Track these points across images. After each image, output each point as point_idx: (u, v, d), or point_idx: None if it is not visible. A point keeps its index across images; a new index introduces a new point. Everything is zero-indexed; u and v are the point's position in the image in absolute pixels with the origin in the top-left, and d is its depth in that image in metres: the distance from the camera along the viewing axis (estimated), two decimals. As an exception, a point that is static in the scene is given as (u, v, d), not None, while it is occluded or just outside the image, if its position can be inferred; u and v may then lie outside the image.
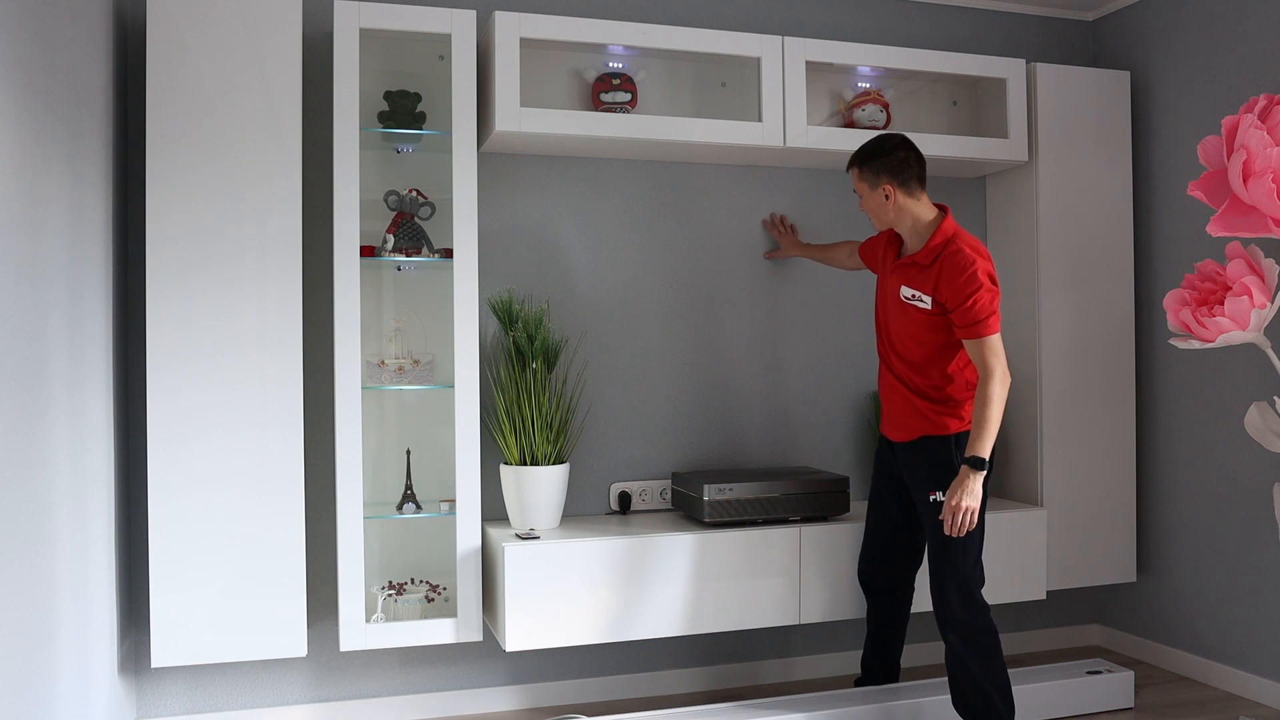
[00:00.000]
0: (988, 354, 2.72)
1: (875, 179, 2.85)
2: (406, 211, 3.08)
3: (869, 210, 2.92)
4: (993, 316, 2.73)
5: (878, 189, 2.85)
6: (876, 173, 2.84)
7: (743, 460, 3.61)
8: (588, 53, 3.36)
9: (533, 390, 3.08)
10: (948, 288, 2.75)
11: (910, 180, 2.83)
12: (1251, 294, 2.82)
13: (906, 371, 2.92)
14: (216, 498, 2.80)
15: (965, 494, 2.69)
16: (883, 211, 2.87)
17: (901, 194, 2.83)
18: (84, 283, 2.52)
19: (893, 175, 2.82)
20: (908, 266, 2.88)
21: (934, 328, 2.83)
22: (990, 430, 2.70)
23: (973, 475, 2.70)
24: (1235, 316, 2.84)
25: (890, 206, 2.85)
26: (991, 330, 2.73)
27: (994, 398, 2.69)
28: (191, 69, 2.80)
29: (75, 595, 2.40)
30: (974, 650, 2.80)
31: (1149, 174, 3.78)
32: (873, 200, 2.88)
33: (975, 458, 2.70)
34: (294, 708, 3.18)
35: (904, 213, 2.85)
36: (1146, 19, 3.80)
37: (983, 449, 2.70)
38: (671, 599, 3.05)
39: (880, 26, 3.79)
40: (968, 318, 2.73)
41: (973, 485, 2.69)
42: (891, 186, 2.83)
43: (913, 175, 2.83)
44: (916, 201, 2.85)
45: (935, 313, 2.81)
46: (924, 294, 2.82)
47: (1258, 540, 3.39)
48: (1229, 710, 3.30)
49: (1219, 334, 2.86)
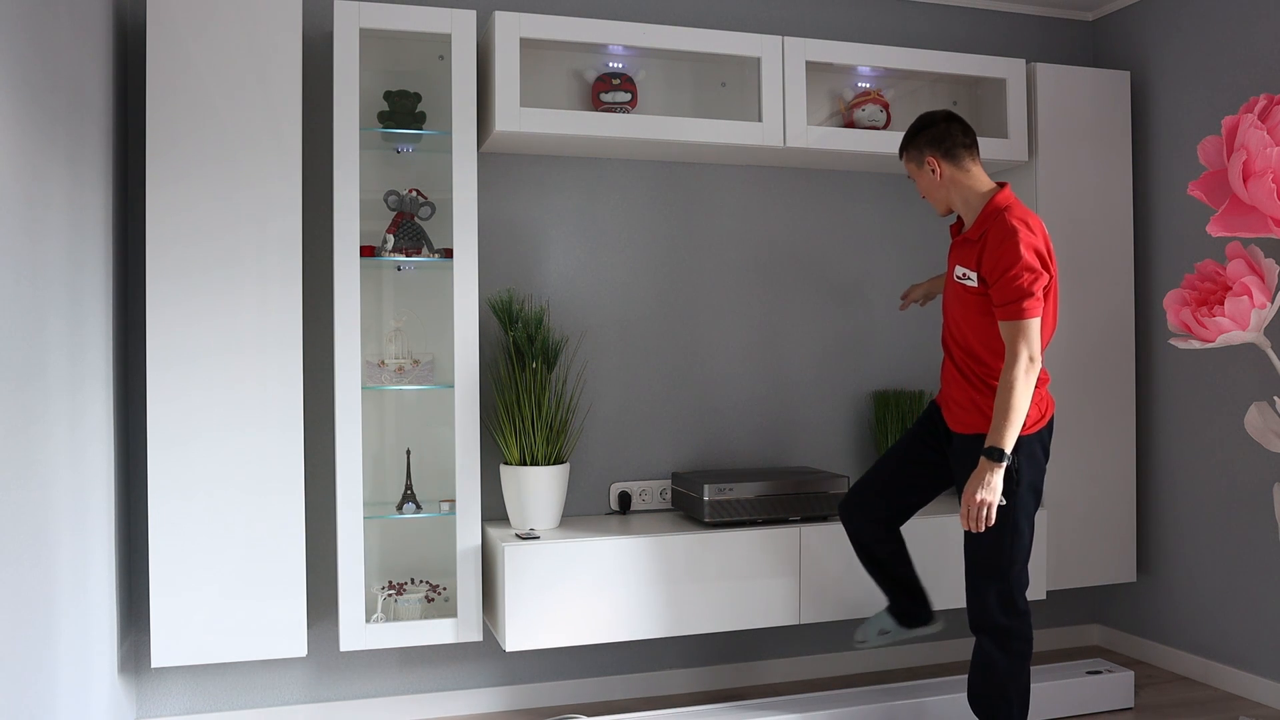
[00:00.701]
0: (1017, 336, 2.53)
1: (920, 155, 2.75)
2: (406, 211, 3.08)
3: (925, 193, 2.79)
4: (1030, 299, 2.52)
5: (924, 166, 2.74)
6: (920, 149, 2.74)
7: (743, 460, 3.61)
8: (588, 53, 3.36)
9: (533, 390, 3.08)
10: (988, 259, 2.58)
11: (955, 150, 2.70)
12: (1251, 294, 2.82)
13: (964, 360, 2.74)
14: (217, 497, 2.80)
15: (982, 487, 2.52)
16: (934, 189, 2.75)
17: (948, 165, 2.71)
18: (84, 283, 2.52)
19: (935, 147, 2.71)
20: (961, 245, 2.73)
21: (984, 309, 2.65)
22: (1013, 420, 2.51)
23: (992, 469, 2.52)
24: (1235, 316, 2.84)
25: (939, 182, 2.73)
26: (1028, 314, 2.52)
27: (1016, 385, 2.50)
28: (191, 69, 2.80)
29: (75, 595, 2.40)
30: (1006, 655, 2.68)
31: (1149, 174, 3.78)
32: (923, 180, 2.77)
33: (994, 449, 2.51)
34: (294, 708, 3.18)
35: (955, 186, 2.72)
36: (1146, 19, 3.80)
37: (1003, 440, 2.51)
38: (672, 599, 3.05)
39: (880, 26, 3.79)
40: (1004, 295, 2.55)
41: (991, 479, 2.51)
42: (935, 159, 2.71)
43: (958, 144, 2.70)
44: (966, 174, 2.71)
45: (981, 291, 2.64)
46: (971, 271, 2.66)
47: (1258, 540, 3.39)
48: (1229, 710, 3.30)
49: (1219, 334, 2.86)
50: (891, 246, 3.78)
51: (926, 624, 3.02)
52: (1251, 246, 2.92)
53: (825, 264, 3.70)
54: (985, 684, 2.72)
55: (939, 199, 2.77)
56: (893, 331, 3.78)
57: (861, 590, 3.23)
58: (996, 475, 2.53)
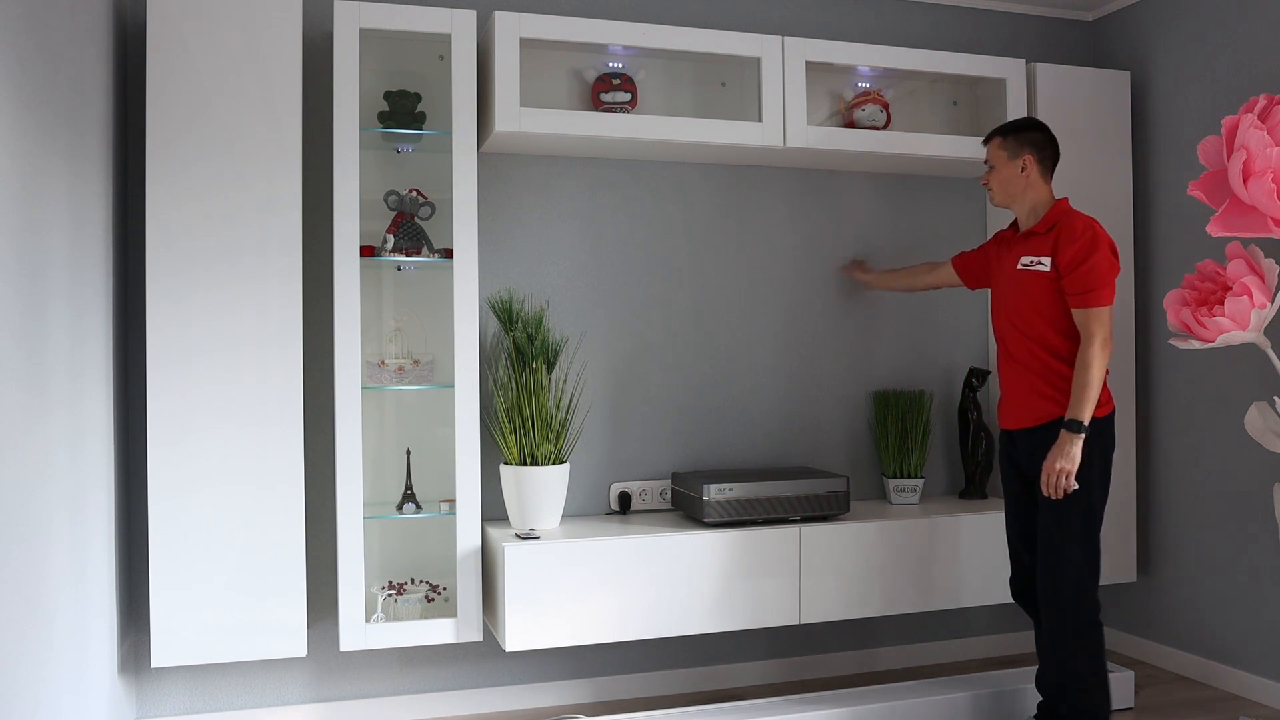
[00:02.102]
0: (1092, 321, 2.72)
1: (1018, 149, 2.90)
2: (406, 211, 3.08)
3: (997, 182, 2.94)
4: (1106, 287, 2.73)
5: (1017, 159, 2.90)
6: (1021, 144, 2.90)
7: (743, 460, 3.61)
8: (588, 53, 3.36)
9: (533, 390, 3.08)
10: (1066, 249, 2.77)
11: (1046, 160, 2.91)
12: (1251, 294, 2.82)
13: (1026, 347, 2.86)
14: (216, 497, 2.80)
15: (1061, 456, 2.70)
16: (1013, 184, 2.91)
17: (1037, 170, 2.90)
18: (84, 281, 2.52)
19: (1037, 150, 2.90)
20: (1027, 237, 2.91)
21: (1052, 295, 2.82)
22: (1090, 395, 2.69)
23: (1071, 439, 2.69)
24: (1235, 316, 2.84)
25: (1023, 180, 2.90)
26: (1103, 301, 2.72)
27: (1094, 362, 2.69)
28: (191, 68, 2.80)
29: (75, 595, 2.40)
30: (1082, 642, 2.75)
31: (1149, 174, 3.78)
32: (1007, 170, 2.92)
33: (1073, 421, 2.70)
34: (294, 708, 3.18)
35: (1032, 189, 2.90)
36: (1146, 19, 3.80)
37: (1081, 413, 2.70)
38: (671, 599, 3.05)
39: (880, 26, 3.79)
40: (1082, 283, 2.73)
41: (1070, 449, 2.69)
42: (1031, 159, 2.89)
43: (1049, 157, 2.92)
44: (1045, 184, 2.92)
45: (1053, 276, 2.81)
46: (1043, 257, 2.83)
47: (1258, 540, 3.39)
48: (1229, 710, 3.30)
49: (1219, 334, 2.86)
50: (891, 246, 3.78)
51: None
52: (1251, 246, 2.92)
53: (825, 264, 3.70)
54: (1066, 677, 2.76)
55: (1010, 193, 2.93)
56: (893, 331, 3.78)
57: (861, 590, 3.23)
58: (1076, 445, 2.70)
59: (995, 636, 3.89)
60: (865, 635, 3.75)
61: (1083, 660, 2.75)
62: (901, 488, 3.57)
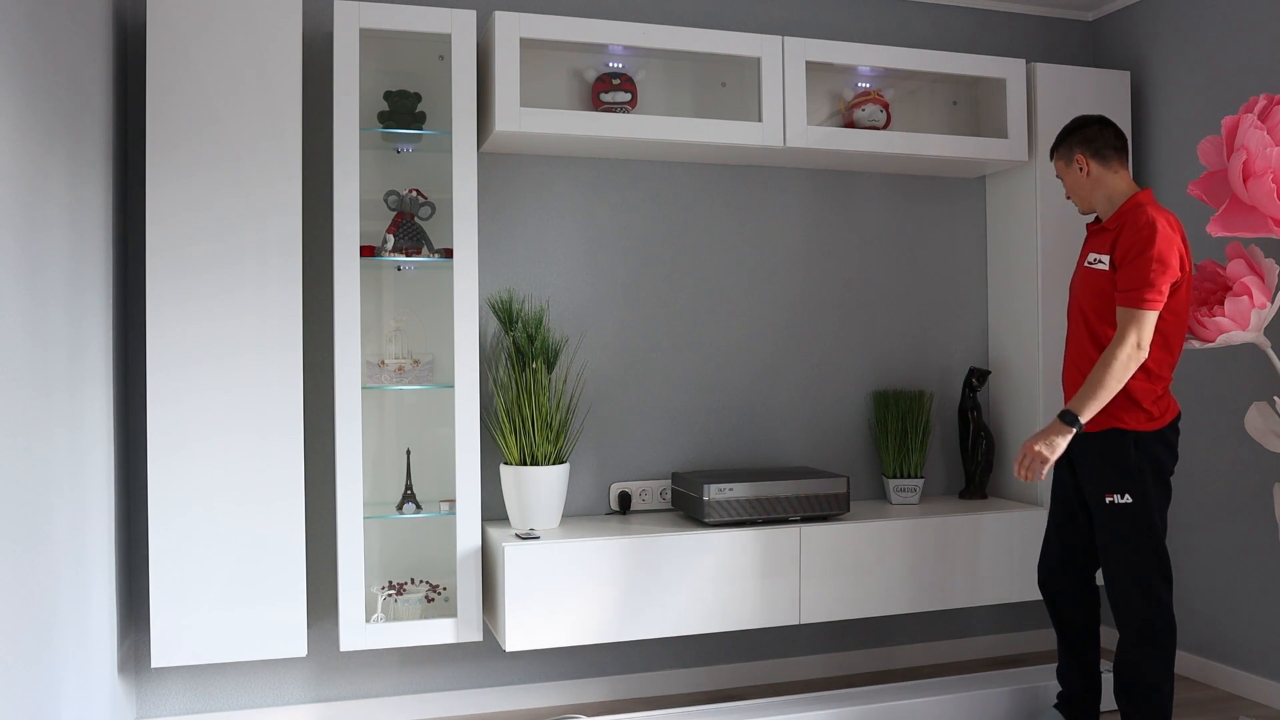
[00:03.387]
0: (1130, 323, 2.61)
1: (1070, 154, 2.86)
2: (406, 211, 3.08)
3: (1072, 192, 2.88)
4: (1153, 291, 2.60)
5: (1073, 163, 2.85)
6: (1071, 147, 2.85)
7: (743, 460, 3.61)
8: (588, 53, 3.36)
9: (533, 390, 3.08)
10: (1123, 245, 2.68)
11: (1105, 150, 2.81)
12: (1251, 294, 2.82)
13: (1088, 353, 2.79)
14: (216, 498, 2.80)
15: (1043, 441, 2.62)
16: (1080, 186, 2.85)
17: (1096, 164, 2.82)
18: (84, 283, 2.52)
19: (1085, 145, 2.83)
20: (1097, 233, 2.84)
21: (1111, 295, 2.74)
22: (1099, 395, 2.60)
23: (1059, 429, 2.62)
24: (1235, 316, 2.84)
25: (1086, 179, 2.83)
26: (1148, 305, 2.60)
27: (1115, 363, 2.59)
28: (191, 69, 2.80)
29: (75, 595, 2.40)
30: (1153, 649, 2.70)
31: (1149, 174, 3.78)
32: (1070, 177, 2.87)
33: (1067, 412, 2.62)
34: (294, 708, 3.18)
35: (1100, 184, 2.82)
36: (1146, 19, 3.80)
37: (1081, 408, 2.61)
38: (671, 599, 3.05)
39: (880, 26, 3.79)
40: (1129, 281, 2.63)
41: (1054, 439, 2.62)
42: (1084, 156, 2.82)
43: (1108, 146, 2.81)
44: (1114, 174, 2.82)
45: (1111, 275, 2.73)
46: (1104, 254, 2.76)
47: (1258, 540, 3.39)
48: (1229, 710, 3.30)
49: (1219, 334, 2.86)
50: (891, 246, 3.78)
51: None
52: (1251, 246, 2.92)
53: (825, 264, 3.70)
54: (1133, 679, 2.74)
55: (1083, 197, 2.86)
56: (892, 331, 3.78)
57: (862, 590, 3.23)
58: (1064, 438, 2.62)
59: (996, 636, 3.89)
60: (865, 635, 3.75)
61: (1152, 662, 2.71)
62: (902, 488, 3.57)
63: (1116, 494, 2.72)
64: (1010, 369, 3.77)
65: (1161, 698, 2.72)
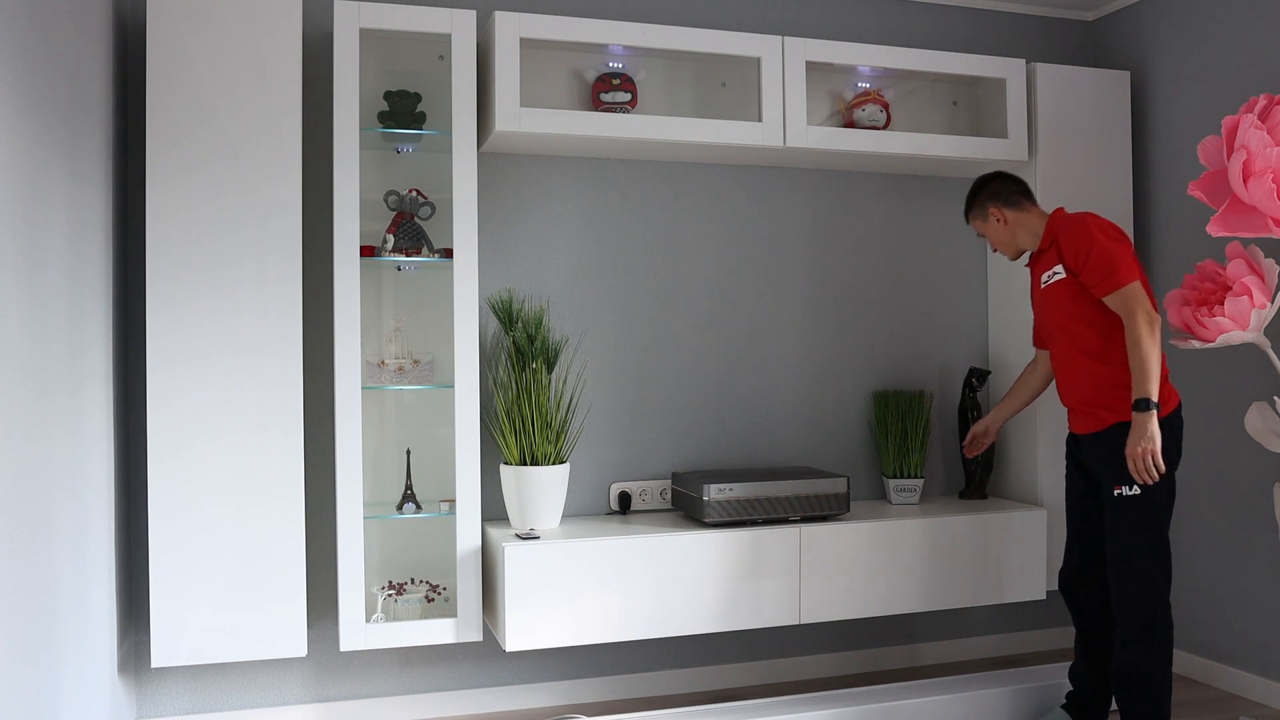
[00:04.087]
0: (1127, 300, 2.69)
1: (984, 211, 3.02)
2: (406, 211, 3.08)
3: (997, 245, 3.04)
4: (1121, 265, 2.70)
5: (989, 219, 3.02)
6: (982, 205, 3.02)
7: (743, 460, 3.61)
8: (588, 53, 3.36)
9: (533, 390, 3.08)
10: (1068, 249, 2.80)
11: (1013, 197, 2.99)
12: (1251, 294, 2.83)
13: (1077, 361, 2.86)
14: (217, 497, 2.80)
15: (1141, 438, 2.64)
16: (1004, 235, 3.01)
17: (1009, 210, 2.98)
18: (84, 283, 2.52)
19: (994, 198, 3.00)
20: (1037, 258, 2.98)
21: (1078, 294, 2.83)
22: (1150, 370, 2.64)
23: (1143, 419, 2.65)
24: (1235, 316, 2.84)
25: (1006, 227, 3.00)
26: (1127, 279, 2.69)
27: (1142, 337, 2.65)
28: (191, 69, 2.80)
29: (75, 595, 2.40)
30: (1149, 643, 2.74)
31: (1149, 174, 3.78)
32: (991, 231, 3.03)
33: (1140, 399, 2.65)
34: (294, 708, 3.18)
35: (1019, 225, 2.99)
36: (1146, 19, 3.80)
37: (1148, 389, 2.64)
38: (671, 599, 3.05)
39: (880, 26, 3.79)
40: (1095, 274, 2.73)
41: (1147, 428, 2.63)
42: (996, 208, 2.99)
43: (1014, 193, 2.99)
44: (1028, 214, 2.98)
45: (1072, 280, 2.83)
46: (1055, 266, 2.87)
47: (1258, 540, 3.39)
48: (1229, 710, 3.30)
49: (1219, 334, 2.86)
50: (891, 246, 3.78)
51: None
52: (1251, 246, 2.92)
53: (825, 264, 3.70)
54: (1132, 677, 2.76)
55: (1008, 244, 3.02)
56: (892, 331, 3.78)
57: (861, 590, 3.23)
58: (1151, 422, 2.65)
59: (996, 636, 3.89)
60: (865, 635, 3.75)
61: (1149, 661, 2.74)
62: (902, 488, 3.57)
63: (1125, 485, 2.76)
64: (1010, 369, 3.77)
65: (1160, 696, 2.74)
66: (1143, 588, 2.74)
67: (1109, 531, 2.81)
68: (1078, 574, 3.00)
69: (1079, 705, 3.04)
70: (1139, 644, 2.74)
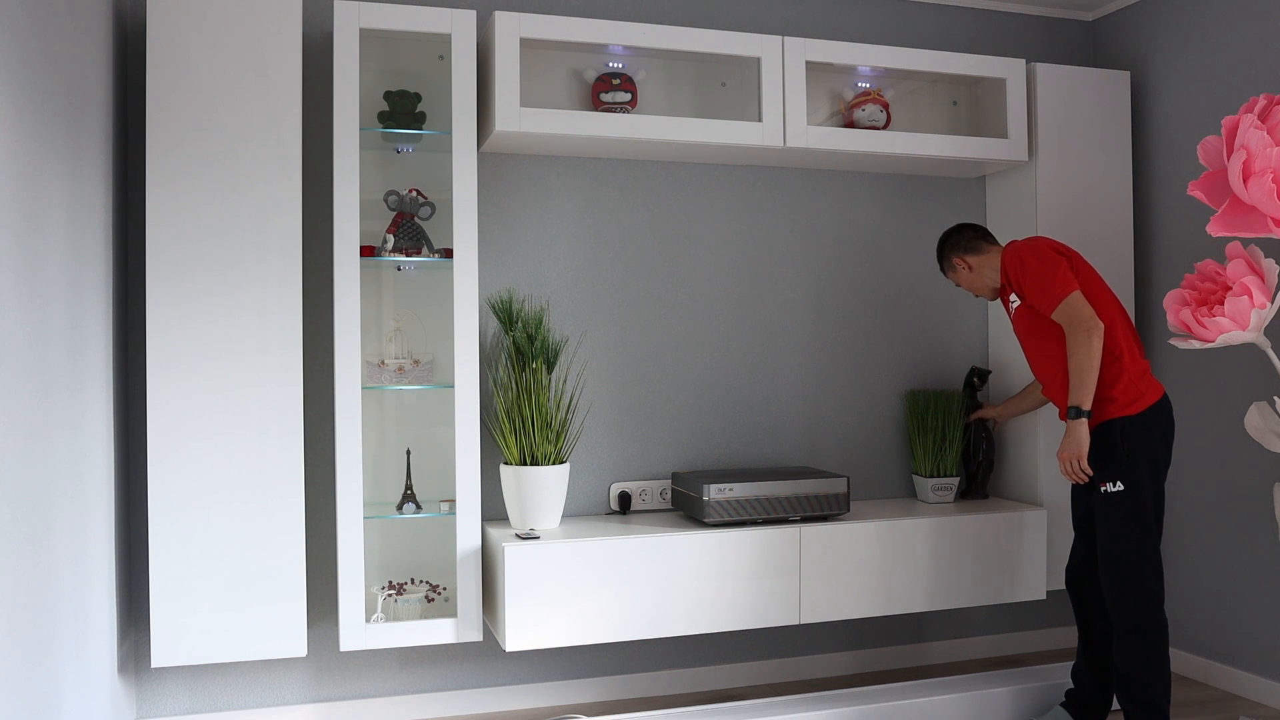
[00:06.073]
0: (1063, 314, 2.84)
1: (950, 263, 3.21)
2: (406, 211, 3.08)
3: (970, 288, 3.21)
4: (1055, 283, 2.84)
5: (958, 268, 3.19)
6: (948, 258, 3.21)
7: (743, 460, 3.61)
8: (588, 53, 3.36)
9: (533, 390, 3.08)
10: (1012, 280, 2.98)
11: (973, 243, 3.17)
12: (1251, 294, 2.82)
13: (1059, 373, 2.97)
14: (217, 497, 2.80)
15: (1067, 444, 2.82)
16: (974, 279, 3.18)
17: (973, 257, 3.17)
18: (84, 282, 2.52)
19: (957, 249, 3.19)
20: (1003, 292, 3.14)
21: (1040, 317, 2.98)
22: (1083, 380, 2.78)
23: (1073, 426, 2.80)
24: (1235, 316, 2.84)
25: (973, 273, 3.18)
26: (1061, 294, 2.83)
27: (1079, 347, 2.79)
28: (191, 69, 2.80)
29: (75, 595, 2.40)
30: (1142, 639, 2.79)
31: (1149, 174, 3.78)
32: (963, 278, 3.20)
33: (1072, 407, 2.80)
34: (294, 708, 3.18)
35: (984, 266, 3.16)
36: (1146, 19, 3.80)
37: (1080, 398, 2.79)
38: (671, 599, 3.05)
39: (880, 26, 3.79)
40: (1035, 297, 2.90)
41: (1074, 434, 2.80)
42: (960, 258, 3.18)
43: (974, 239, 3.18)
44: (989, 255, 3.16)
45: (1029, 305, 2.98)
46: (1012, 295, 3.07)
47: (1258, 540, 3.39)
48: (1229, 710, 3.30)
49: (1219, 334, 2.86)
50: (891, 246, 3.78)
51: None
52: (1251, 246, 2.92)
53: (824, 264, 3.70)
54: (1129, 675, 2.80)
55: (979, 286, 3.19)
56: (891, 332, 3.78)
57: (861, 590, 3.23)
58: (1080, 428, 2.80)
59: (996, 636, 3.89)
60: (865, 635, 3.75)
61: (1143, 656, 2.79)
62: (939, 486, 3.59)
63: (1110, 482, 2.84)
64: (1010, 369, 3.77)
65: (1157, 693, 2.78)
66: (1132, 584, 2.80)
67: (1097, 528, 2.88)
68: (1081, 571, 3.05)
69: (1079, 703, 3.06)
70: (1130, 640, 2.79)
